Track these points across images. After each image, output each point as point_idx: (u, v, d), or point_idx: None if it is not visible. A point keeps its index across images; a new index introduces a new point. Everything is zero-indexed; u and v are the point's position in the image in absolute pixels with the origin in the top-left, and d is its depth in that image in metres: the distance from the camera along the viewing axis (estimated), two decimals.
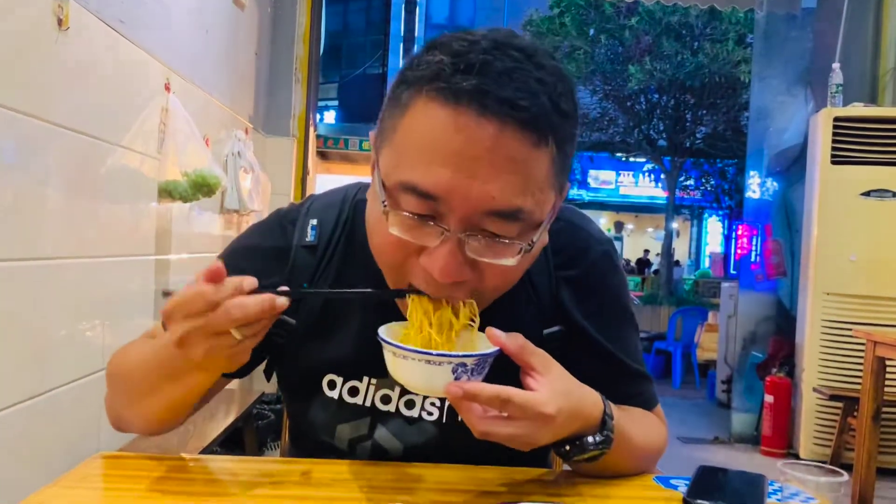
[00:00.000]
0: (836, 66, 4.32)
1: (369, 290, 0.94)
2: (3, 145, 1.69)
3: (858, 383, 3.69)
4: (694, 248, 23.14)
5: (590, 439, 0.89)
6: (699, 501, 0.88)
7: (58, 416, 1.96)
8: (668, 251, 14.21)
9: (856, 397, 3.65)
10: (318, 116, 5.06)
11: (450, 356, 0.79)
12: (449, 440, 1.02)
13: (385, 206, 0.82)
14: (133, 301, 2.52)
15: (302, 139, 4.64)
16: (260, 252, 1.06)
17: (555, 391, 0.83)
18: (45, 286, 1.90)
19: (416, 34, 19.94)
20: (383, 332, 0.84)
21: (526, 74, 0.78)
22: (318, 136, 5.34)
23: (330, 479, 0.92)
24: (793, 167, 5.12)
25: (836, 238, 4.17)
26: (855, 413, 3.74)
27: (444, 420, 1.03)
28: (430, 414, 1.03)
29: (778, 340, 4.83)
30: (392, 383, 1.02)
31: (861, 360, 3.52)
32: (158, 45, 2.58)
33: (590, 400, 0.90)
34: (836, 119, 4.13)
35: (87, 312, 2.14)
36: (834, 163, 4.14)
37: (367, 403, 1.03)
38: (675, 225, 16.84)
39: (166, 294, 0.78)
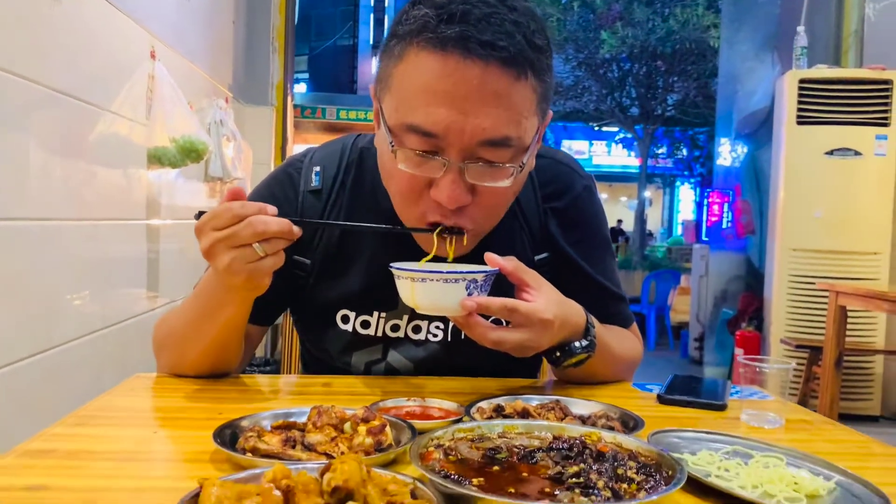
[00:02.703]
0: (800, 29, 4.45)
1: (375, 225, 1.06)
2: (6, 107, 1.76)
3: (823, 334, 3.88)
4: (666, 215, 23.46)
5: (577, 344, 1.02)
6: (671, 396, 1.01)
7: (63, 372, 2.05)
8: (640, 218, 14.46)
9: (820, 347, 3.84)
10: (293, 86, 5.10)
11: (464, 273, 0.90)
12: (453, 356, 1.15)
13: (392, 146, 0.94)
14: (127, 265, 2.59)
15: (280, 108, 4.69)
16: (272, 197, 1.16)
17: (549, 301, 0.95)
18: (48, 247, 1.97)
19: (385, 4, 19.71)
20: (397, 265, 0.94)
21: (502, 18, 0.90)
22: (294, 106, 5.38)
23: (348, 389, 1.04)
24: (761, 129, 5.28)
25: (802, 196, 4.33)
26: (819, 362, 3.94)
27: (448, 339, 1.15)
28: (436, 336, 1.15)
29: (747, 296, 5.02)
30: (401, 313, 1.13)
31: (825, 312, 3.70)
32: (143, 13, 2.63)
33: (575, 310, 1.03)
34: (802, 81, 4.27)
35: (87, 274, 2.21)
36: (800, 123, 4.28)
37: (379, 334, 1.15)
38: (647, 193, 17.06)
39: (199, 214, 0.89)
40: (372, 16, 19.74)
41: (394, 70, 0.94)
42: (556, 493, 0.59)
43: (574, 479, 0.61)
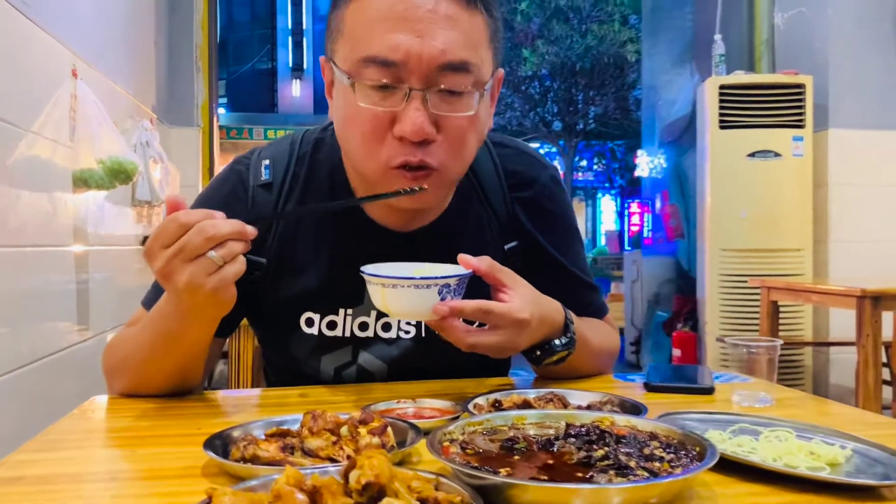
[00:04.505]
0: (717, 37, 4.63)
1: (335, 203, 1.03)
2: None
3: (756, 329, 4.00)
4: (590, 227, 24.02)
5: (557, 342, 1.00)
6: (659, 383, 1.00)
7: None
8: None
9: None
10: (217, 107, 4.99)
11: (436, 278, 0.87)
12: (428, 353, 1.10)
13: (350, 80, 0.92)
14: (55, 294, 2.45)
15: (207, 129, 4.58)
16: (220, 198, 1.10)
17: (525, 300, 0.93)
18: None
19: (304, 27, 19.59)
20: (367, 270, 0.91)
21: None
22: (220, 128, 5.26)
23: (326, 399, 0.99)
24: (683, 136, 5.45)
25: (728, 198, 4.48)
26: None
27: (422, 335, 1.10)
28: (408, 333, 1.10)
29: (681, 298, 5.15)
30: (368, 309, 1.08)
31: (757, 308, 3.82)
32: (63, 30, 2.50)
33: (553, 308, 1.01)
34: (722, 87, 4.42)
35: (13, 304, 2.07)
36: (722, 128, 4.43)
37: (347, 334, 1.09)
38: None
39: (145, 239, 0.82)
40: (290, 39, 19.58)
41: (345, 13, 0.94)
42: (591, 475, 0.56)
43: (604, 462, 0.58)
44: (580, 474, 0.57)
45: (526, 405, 0.82)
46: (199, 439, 0.71)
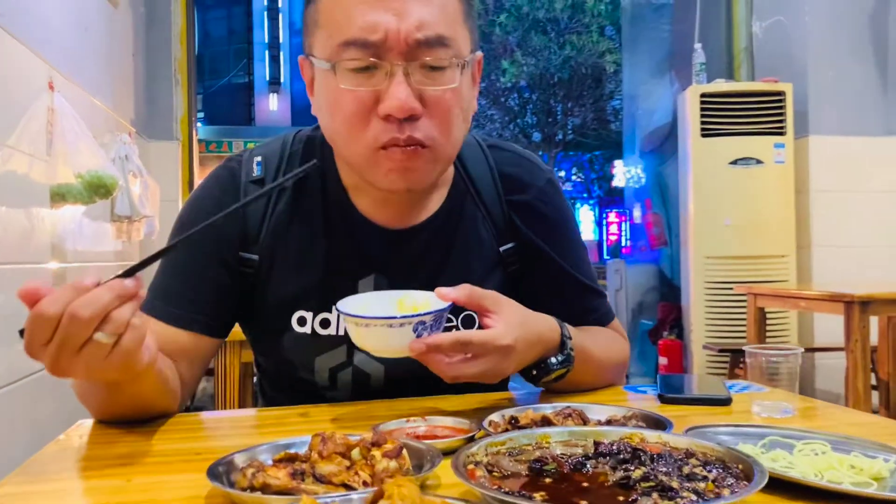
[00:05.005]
0: (697, 46, 4.65)
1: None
2: None
3: (742, 336, 3.99)
4: None
5: (552, 360, 0.97)
6: (675, 395, 0.97)
7: None
8: None
9: (742, 350, 3.95)
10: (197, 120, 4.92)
11: (409, 317, 0.84)
12: None
13: (331, 64, 0.91)
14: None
15: (186, 143, 4.51)
16: (212, 197, 1.07)
17: (509, 324, 0.89)
18: None
19: (280, 41, 19.56)
20: (343, 305, 0.88)
21: None
22: (199, 141, 5.19)
23: (328, 417, 0.94)
24: (664, 145, 5.46)
25: (711, 205, 4.48)
26: (741, 364, 4.05)
27: None
28: None
29: (666, 306, 5.14)
30: None
31: (743, 315, 3.81)
32: (39, 42, 2.44)
33: (546, 326, 0.97)
34: (703, 95, 4.44)
35: None
36: (703, 135, 4.45)
37: (341, 332, 1.05)
38: None
39: (22, 332, 0.70)
40: (267, 53, 19.52)
41: (320, 5, 0.94)
42: (634, 498, 0.52)
43: (645, 484, 0.55)
44: (621, 497, 0.53)
45: (545, 421, 0.78)
46: (200, 465, 0.66)
